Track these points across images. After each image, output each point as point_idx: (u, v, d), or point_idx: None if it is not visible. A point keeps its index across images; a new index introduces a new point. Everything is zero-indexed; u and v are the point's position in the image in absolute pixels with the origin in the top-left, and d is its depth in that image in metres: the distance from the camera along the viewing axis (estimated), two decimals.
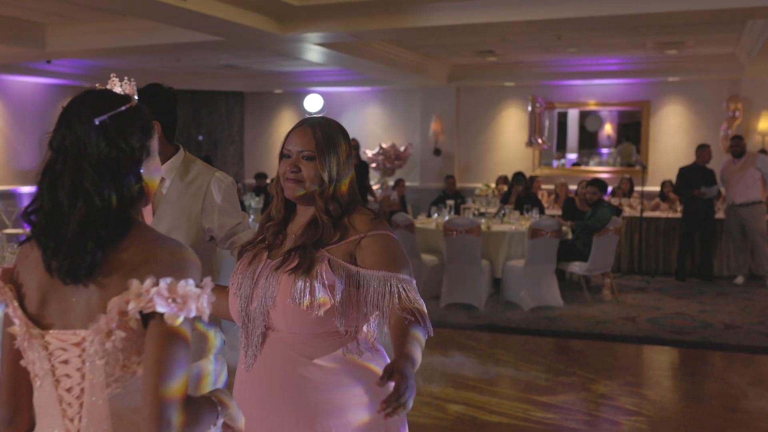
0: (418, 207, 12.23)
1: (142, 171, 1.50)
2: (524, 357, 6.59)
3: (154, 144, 1.55)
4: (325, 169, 2.07)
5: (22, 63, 10.51)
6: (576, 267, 8.36)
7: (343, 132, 2.15)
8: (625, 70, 11.71)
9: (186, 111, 14.06)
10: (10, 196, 11.93)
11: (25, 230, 11.02)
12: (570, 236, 8.67)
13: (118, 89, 1.67)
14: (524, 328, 7.41)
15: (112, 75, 1.76)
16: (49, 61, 10.35)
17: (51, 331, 1.44)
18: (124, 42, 8.75)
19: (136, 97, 1.58)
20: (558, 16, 7.56)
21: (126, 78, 1.69)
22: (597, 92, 12.58)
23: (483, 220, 8.53)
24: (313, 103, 13.46)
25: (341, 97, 13.99)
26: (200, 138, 14.33)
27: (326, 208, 2.07)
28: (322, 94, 13.74)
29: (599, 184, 8.59)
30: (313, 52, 9.51)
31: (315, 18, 7.92)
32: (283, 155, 2.13)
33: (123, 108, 1.48)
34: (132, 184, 1.47)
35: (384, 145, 12.81)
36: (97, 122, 1.43)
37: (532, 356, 6.60)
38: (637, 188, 11.33)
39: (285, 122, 14.13)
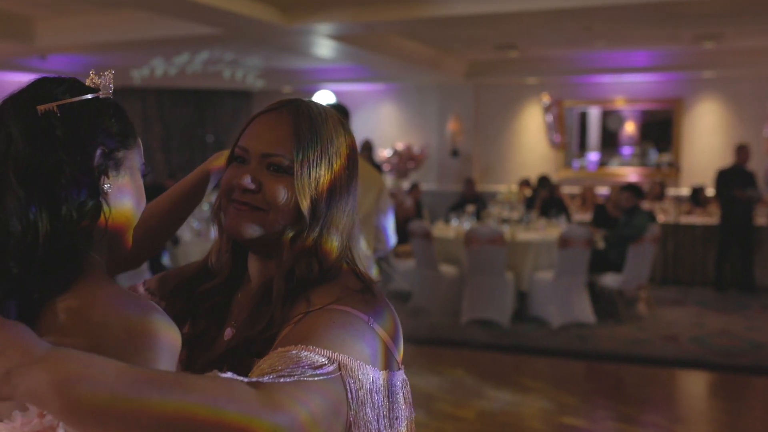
0: (435, 212, 11.52)
1: (106, 187, 1.05)
2: (553, 382, 5.91)
3: (132, 158, 1.12)
4: (307, 195, 1.25)
5: (14, 59, 9.96)
6: (609, 279, 7.65)
7: (345, 128, 1.33)
8: (657, 65, 10.96)
9: (191, 111, 13.54)
10: None
11: None
12: (601, 245, 7.94)
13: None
14: (553, 348, 6.71)
15: (90, 72, 1.15)
16: (43, 57, 9.79)
17: None
18: (117, 36, 8.24)
19: (110, 91, 1.10)
20: (588, 5, 6.97)
21: (105, 72, 1.13)
22: (625, 89, 11.84)
23: (506, 228, 7.84)
24: (323, 101, 12.71)
25: (353, 95, 13.32)
26: (209, 139, 13.80)
27: (290, 270, 1.24)
28: (333, 92, 13.07)
29: (634, 190, 7.88)
30: (322, 46, 8.93)
31: (322, 7, 7.33)
32: (234, 157, 1.31)
33: (82, 98, 1.05)
34: (79, 201, 1.01)
35: (399, 147, 12.11)
36: (40, 111, 1.00)
37: (562, 382, 5.92)
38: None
39: None
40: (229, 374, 0.98)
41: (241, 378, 0.98)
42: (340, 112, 4.29)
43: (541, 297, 7.50)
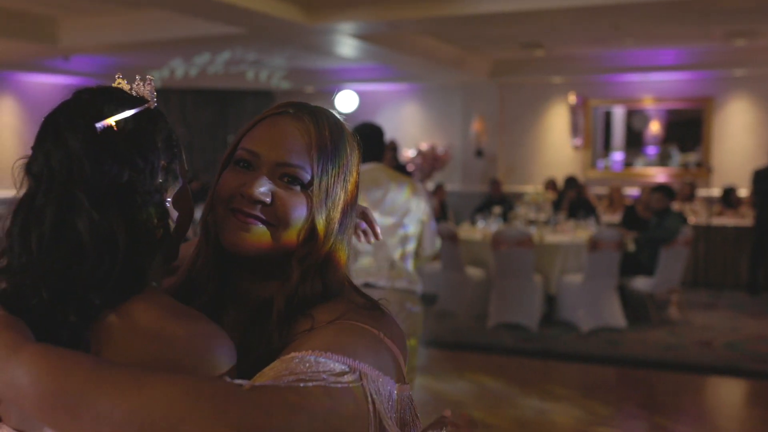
0: (460, 213, 11.37)
1: (169, 201, 1.06)
2: (584, 389, 5.75)
3: (182, 170, 1.11)
4: (323, 213, 1.15)
5: (37, 60, 9.95)
6: (640, 283, 7.46)
7: (357, 142, 1.25)
8: (686, 63, 10.72)
9: (213, 111, 13.48)
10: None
11: None
12: (631, 248, 7.75)
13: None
14: (583, 354, 6.54)
15: (117, 75, 1.15)
16: (66, 58, 9.76)
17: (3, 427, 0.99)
18: (139, 36, 8.18)
19: (155, 99, 1.09)
20: (617, 2, 6.84)
21: (141, 77, 1.12)
22: (652, 88, 11.61)
23: (534, 230, 7.68)
24: (346, 101, 12.58)
25: (376, 95, 13.19)
26: (231, 140, 13.73)
27: (298, 289, 1.14)
28: (355, 91, 12.94)
29: (666, 191, 7.68)
30: (346, 45, 8.82)
31: (346, 6, 7.22)
32: (237, 161, 1.18)
33: (136, 110, 1.03)
34: (153, 219, 1.00)
35: (423, 147, 11.96)
36: (99, 128, 0.98)
37: (592, 389, 5.76)
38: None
39: None
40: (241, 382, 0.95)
41: (242, 382, 0.94)
42: (377, 132, 4.13)
43: (570, 301, 7.33)
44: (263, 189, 1.12)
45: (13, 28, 8.04)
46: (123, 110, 1.02)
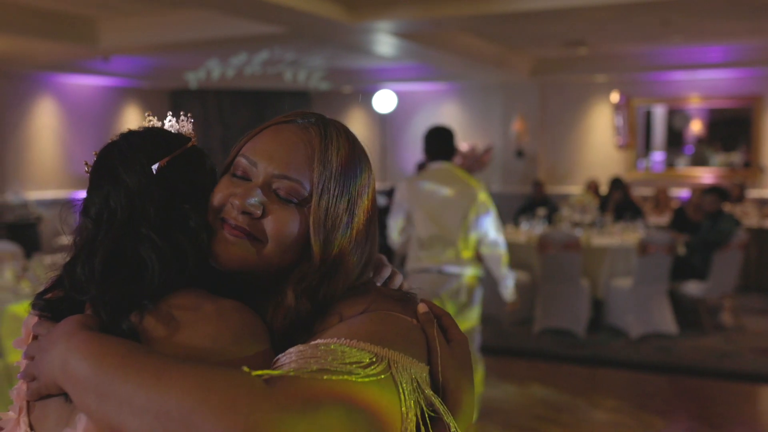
0: (500, 215, 11.14)
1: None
2: (634, 398, 5.55)
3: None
4: (321, 233, 1.06)
5: (76, 62, 9.94)
6: (692, 288, 7.22)
7: (369, 163, 1.15)
8: (734, 60, 10.41)
9: (250, 112, 13.42)
10: (65, 204, 11.39)
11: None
12: (681, 251, 7.50)
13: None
14: (633, 360, 6.33)
15: (147, 114, 1.26)
16: (106, 59, 9.74)
17: None
18: (178, 36, 8.11)
19: (192, 137, 1.20)
20: None
21: (181, 115, 1.24)
22: (699, 86, 11.30)
23: (579, 232, 7.47)
24: (385, 102, 12.42)
25: (414, 95, 13.04)
26: None
27: (291, 311, 1.05)
28: (394, 91, 12.79)
29: (719, 192, 7.42)
30: (385, 44, 8.68)
31: (388, 4, 7.08)
32: (235, 169, 1.11)
33: (183, 150, 1.13)
34: (202, 236, 1.08)
35: (463, 148, 11.77)
36: (154, 169, 1.07)
37: (643, 398, 5.55)
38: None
39: (355, 124, 13.25)
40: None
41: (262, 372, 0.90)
42: (447, 134, 4.61)
43: (618, 305, 7.12)
44: (253, 200, 1.06)
45: (54, 30, 8.02)
46: (171, 150, 1.11)
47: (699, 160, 11.63)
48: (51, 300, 1.06)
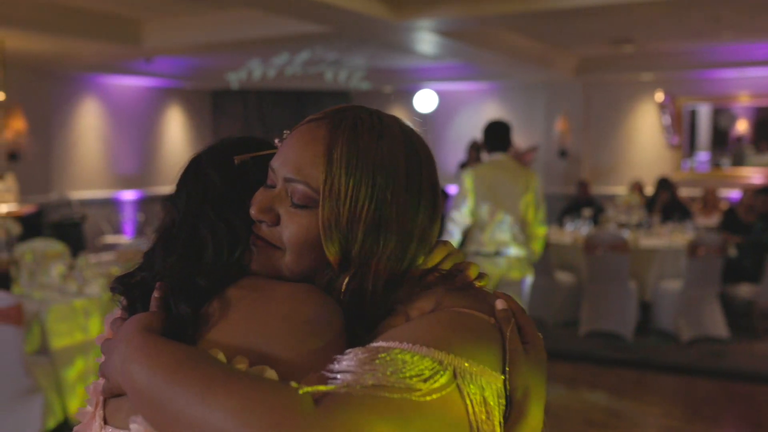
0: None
1: None
2: (684, 403, 5.40)
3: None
4: (335, 239, 0.97)
5: (120, 62, 10.03)
6: (744, 291, 7.04)
7: (410, 141, 1.03)
8: None
9: (291, 112, 13.44)
10: (111, 203, 11.52)
11: (125, 240, 10.55)
12: (732, 253, 7.31)
13: None
14: (683, 365, 6.18)
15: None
16: (149, 60, 9.82)
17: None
18: (222, 36, 8.14)
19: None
20: None
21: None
22: (747, 84, 11.04)
23: (627, 233, 7.32)
24: (425, 101, 12.34)
25: (455, 95, 12.94)
26: None
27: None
28: (435, 91, 12.71)
29: None
30: (427, 42, 8.61)
31: (432, 2, 7.01)
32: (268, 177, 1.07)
33: (268, 153, 1.12)
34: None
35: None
36: (237, 161, 1.10)
37: (693, 403, 5.40)
38: None
39: None
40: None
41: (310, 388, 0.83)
42: (502, 128, 5.22)
43: (667, 308, 6.96)
44: (262, 208, 1.02)
45: (98, 31, 8.09)
46: (260, 150, 1.13)
47: (745, 160, 11.36)
48: (127, 283, 1.08)
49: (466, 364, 0.88)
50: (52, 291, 4.88)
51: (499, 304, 0.99)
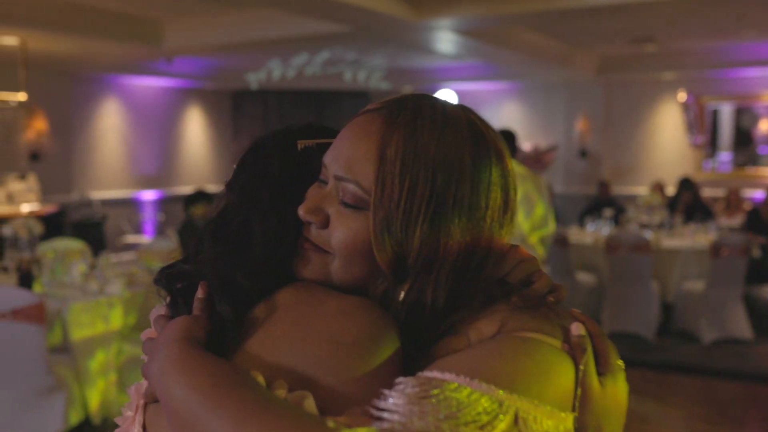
0: (563, 216, 10.95)
1: None
2: (707, 406, 5.33)
3: None
4: (383, 243, 0.88)
5: (141, 63, 10.07)
6: (767, 292, 6.95)
7: (478, 136, 0.93)
8: None
9: (310, 112, 13.46)
10: (131, 203, 11.57)
11: (146, 240, 10.59)
12: (756, 254, 7.22)
13: None
14: (706, 367, 6.11)
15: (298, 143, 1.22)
16: (169, 60, 9.85)
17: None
18: (242, 36, 8.15)
19: None
20: None
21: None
22: None
23: (649, 234, 7.25)
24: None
25: (475, 94, 12.89)
26: None
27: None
28: (454, 91, 12.66)
29: None
30: (447, 42, 8.58)
31: (452, 1, 6.98)
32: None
33: (333, 140, 1.02)
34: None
35: (525, 148, 11.60)
36: (300, 145, 1.03)
37: (717, 405, 5.33)
38: None
39: None
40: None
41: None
42: (508, 137, 4.92)
43: (690, 309, 6.89)
44: (310, 208, 0.93)
45: (119, 31, 8.13)
46: (328, 137, 1.03)
47: (756, 160, 11.24)
48: (170, 275, 1.02)
49: (530, 405, 0.78)
50: (73, 290, 4.90)
51: (575, 329, 0.88)
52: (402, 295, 0.88)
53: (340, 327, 0.85)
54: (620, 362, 0.91)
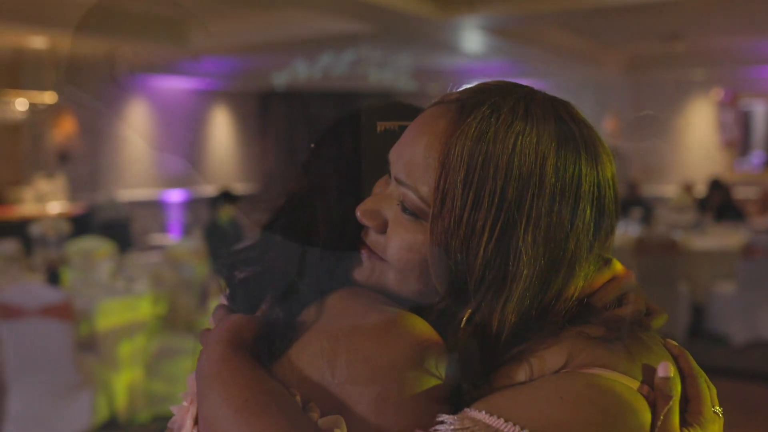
0: None
1: None
2: (739, 410, 5.23)
3: None
4: (444, 264, 0.77)
5: (168, 63, 10.14)
6: None
7: (568, 137, 0.80)
8: None
9: (335, 113, 13.46)
10: (158, 203, 11.65)
11: (172, 240, 10.67)
12: None
13: None
14: (738, 369, 6.01)
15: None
16: (197, 60, 9.91)
17: None
18: (268, 36, 8.18)
19: None
20: None
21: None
22: None
23: (678, 235, 7.16)
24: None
25: None
26: None
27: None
28: None
29: None
30: (474, 41, 8.55)
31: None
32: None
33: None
34: None
35: None
36: (380, 127, 0.94)
37: (748, 411, 5.23)
38: None
39: None
40: None
41: None
42: None
43: (720, 311, 6.79)
44: (367, 210, 0.84)
45: (146, 32, 8.18)
46: (406, 119, 0.90)
47: None
48: (232, 263, 0.96)
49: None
50: (100, 289, 4.93)
51: (662, 370, 0.74)
52: (464, 319, 0.76)
53: (377, 347, 0.76)
54: (718, 409, 0.79)
